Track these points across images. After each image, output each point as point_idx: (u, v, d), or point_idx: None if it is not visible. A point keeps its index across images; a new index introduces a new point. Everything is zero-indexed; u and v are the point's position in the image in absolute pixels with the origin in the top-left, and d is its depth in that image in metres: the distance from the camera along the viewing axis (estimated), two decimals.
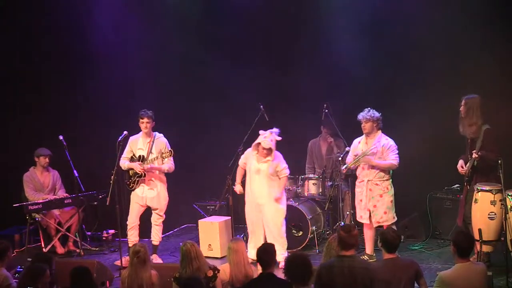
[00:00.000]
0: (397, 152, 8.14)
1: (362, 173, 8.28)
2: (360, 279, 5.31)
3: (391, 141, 8.18)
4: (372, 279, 5.34)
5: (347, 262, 5.37)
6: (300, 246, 8.94)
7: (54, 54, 10.43)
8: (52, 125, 10.13)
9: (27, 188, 9.57)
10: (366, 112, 8.14)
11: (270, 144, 8.23)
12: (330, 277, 5.35)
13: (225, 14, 10.19)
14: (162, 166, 8.60)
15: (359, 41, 9.38)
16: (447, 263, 7.82)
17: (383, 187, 8.16)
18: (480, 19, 8.84)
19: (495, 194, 7.61)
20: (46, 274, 6.02)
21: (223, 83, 10.29)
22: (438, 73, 9.31)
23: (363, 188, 8.24)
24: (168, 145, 8.67)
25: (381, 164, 8.08)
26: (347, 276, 5.30)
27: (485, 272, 5.79)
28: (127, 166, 8.64)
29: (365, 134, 8.25)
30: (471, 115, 7.86)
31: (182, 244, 6.45)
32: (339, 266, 5.37)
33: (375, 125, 8.16)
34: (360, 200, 8.32)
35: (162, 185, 8.74)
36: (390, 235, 5.88)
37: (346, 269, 5.32)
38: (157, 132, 8.74)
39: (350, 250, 5.46)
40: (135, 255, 6.31)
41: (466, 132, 7.94)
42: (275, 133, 8.31)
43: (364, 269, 5.38)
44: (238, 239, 6.78)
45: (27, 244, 9.48)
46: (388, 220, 8.15)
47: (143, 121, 8.57)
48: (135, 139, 8.73)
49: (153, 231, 8.78)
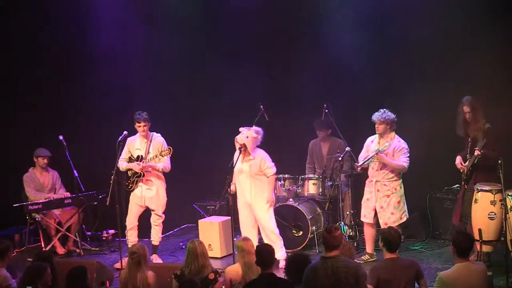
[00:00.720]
0: (408, 155, 8.11)
1: (371, 173, 8.27)
2: (344, 278, 5.32)
3: (403, 143, 8.16)
4: (356, 277, 5.35)
5: (330, 263, 5.38)
6: (300, 246, 8.94)
7: (54, 54, 10.42)
8: (52, 125, 10.13)
9: (28, 188, 9.56)
10: (381, 114, 8.11)
11: (244, 139, 8.19)
12: (315, 279, 5.37)
13: (225, 13, 10.18)
14: (157, 165, 8.58)
15: (359, 41, 9.38)
16: (447, 263, 7.82)
17: (391, 187, 8.14)
18: (480, 17, 8.84)
19: (495, 194, 7.62)
20: (47, 273, 6.02)
21: (223, 83, 10.29)
22: (438, 73, 9.31)
23: (372, 188, 8.23)
24: (165, 144, 8.65)
25: (392, 163, 8.05)
26: (331, 277, 5.32)
27: (485, 272, 5.79)
28: (125, 167, 8.64)
29: (378, 134, 8.24)
30: (477, 117, 7.88)
31: (189, 241, 6.48)
32: (322, 267, 5.38)
33: (388, 127, 8.14)
34: (367, 198, 8.30)
35: (161, 185, 8.73)
36: (391, 235, 5.88)
37: (330, 270, 5.34)
38: (154, 132, 8.73)
39: (333, 251, 5.45)
40: (130, 256, 6.39)
41: (472, 133, 7.94)
42: (253, 130, 8.27)
43: (346, 268, 5.38)
44: (247, 239, 6.69)
45: (27, 244, 9.50)
46: (395, 221, 8.12)
47: (139, 125, 8.56)
48: (132, 140, 8.71)
49: (153, 231, 8.78)
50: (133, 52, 10.37)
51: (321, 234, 5.56)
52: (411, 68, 9.48)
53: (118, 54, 10.22)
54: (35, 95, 10.49)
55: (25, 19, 10.28)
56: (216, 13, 10.29)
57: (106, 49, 10.18)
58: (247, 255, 6.39)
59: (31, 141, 10.00)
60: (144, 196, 8.67)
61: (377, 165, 8.16)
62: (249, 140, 8.22)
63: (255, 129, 8.33)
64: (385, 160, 8.06)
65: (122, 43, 10.25)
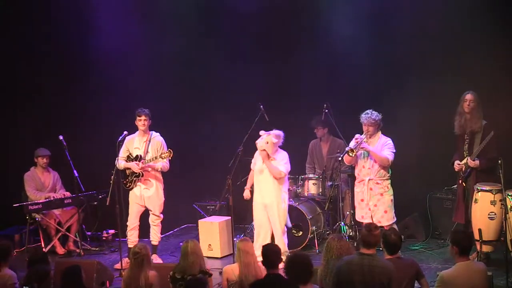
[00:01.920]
0: (393, 150, 8.15)
1: (362, 172, 8.28)
2: (378, 278, 5.40)
3: (389, 140, 8.23)
4: (390, 279, 5.43)
5: (367, 260, 5.46)
6: (300, 246, 8.94)
7: (54, 54, 10.42)
8: (52, 125, 10.13)
9: (28, 187, 9.57)
10: (369, 116, 8.14)
11: (264, 145, 8.28)
12: (349, 272, 5.45)
13: (225, 13, 10.18)
14: (156, 165, 8.58)
15: (359, 40, 9.40)
16: (447, 263, 7.82)
17: (384, 186, 8.18)
18: (480, 16, 8.85)
19: (495, 194, 7.63)
20: (49, 277, 6.05)
21: (223, 83, 10.29)
22: (439, 72, 9.31)
23: (364, 187, 8.24)
24: (165, 144, 8.65)
25: (377, 154, 8.09)
26: (366, 274, 5.40)
27: (485, 271, 5.80)
28: (124, 166, 8.62)
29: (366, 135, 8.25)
30: (478, 109, 7.92)
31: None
32: (358, 263, 5.47)
33: (377, 127, 8.21)
34: (361, 199, 8.31)
35: (159, 184, 8.72)
36: (392, 238, 5.90)
37: (366, 267, 5.43)
38: (153, 131, 8.73)
39: (370, 248, 5.55)
40: (133, 256, 6.38)
41: (469, 127, 7.94)
42: (273, 135, 8.31)
43: (383, 268, 5.45)
44: (246, 239, 6.74)
45: (27, 244, 9.49)
46: (388, 220, 8.16)
47: (140, 119, 8.56)
48: (131, 138, 8.71)
49: (152, 231, 8.78)
50: (134, 52, 10.37)
51: (360, 231, 5.67)
52: (411, 68, 9.47)
53: (119, 54, 10.22)
54: (35, 95, 10.48)
55: (25, 20, 10.28)
56: (216, 13, 10.28)
57: (107, 49, 10.17)
58: (245, 255, 6.43)
59: (31, 141, 10.00)
60: (142, 195, 8.67)
61: (368, 163, 8.18)
62: (269, 145, 8.31)
63: (275, 133, 8.35)
64: (369, 148, 8.10)
65: (123, 44, 10.24)
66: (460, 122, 8.06)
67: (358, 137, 8.17)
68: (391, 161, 8.13)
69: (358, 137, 8.17)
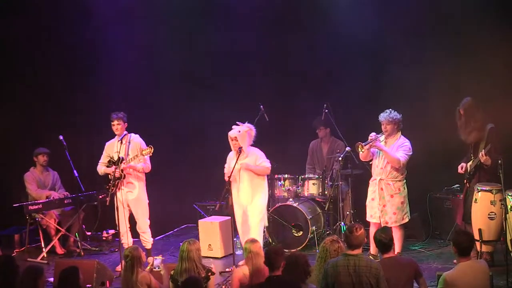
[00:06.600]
0: (408, 152, 8.06)
1: (375, 172, 8.23)
2: (365, 278, 5.41)
3: (408, 142, 8.13)
4: (377, 278, 5.44)
5: (353, 261, 5.47)
6: (300, 246, 8.93)
7: (54, 54, 10.41)
8: (52, 125, 10.13)
9: (30, 186, 9.55)
10: (388, 114, 8.08)
11: (235, 133, 8.18)
12: (335, 274, 5.47)
13: (225, 13, 10.18)
14: (137, 165, 8.45)
15: (359, 41, 9.40)
16: (447, 263, 7.83)
17: (395, 187, 8.10)
18: (480, 16, 8.85)
19: (495, 194, 7.62)
20: (43, 276, 6.04)
21: (223, 83, 10.29)
22: (439, 73, 9.30)
23: (375, 187, 8.19)
24: (144, 144, 8.50)
25: (389, 154, 8.01)
26: (352, 274, 5.42)
27: (487, 269, 5.83)
28: (104, 171, 8.52)
29: (384, 135, 8.20)
30: (469, 121, 7.86)
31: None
32: (344, 264, 5.48)
33: (395, 126, 8.13)
34: (372, 198, 8.23)
35: (142, 186, 8.57)
36: (377, 237, 5.94)
37: (351, 268, 5.45)
38: (132, 134, 8.59)
39: (355, 249, 5.56)
40: (125, 259, 6.47)
41: (468, 139, 7.93)
42: (245, 126, 8.25)
43: (368, 267, 5.46)
44: (255, 240, 6.61)
45: (27, 244, 9.50)
46: (397, 221, 8.08)
47: (113, 123, 8.44)
48: (111, 143, 8.61)
49: (142, 238, 8.65)
50: (134, 52, 10.36)
51: (344, 233, 5.63)
52: (411, 68, 9.46)
53: (119, 54, 10.21)
54: (35, 95, 10.48)
55: (25, 19, 10.27)
56: (216, 12, 10.28)
57: (107, 49, 10.17)
58: (255, 256, 6.33)
59: (31, 141, 10.00)
60: (125, 198, 8.50)
61: (381, 163, 8.14)
62: (241, 134, 8.19)
63: (247, 124, 8.31)
64: (383, 148, 8.05)
65: (123, 43, 10.24)
66: (461, 135, 8.04)
67: (373, 135, 8.12)
68: (403, 163, 8.04)
69: (373, 135, 8.12)
